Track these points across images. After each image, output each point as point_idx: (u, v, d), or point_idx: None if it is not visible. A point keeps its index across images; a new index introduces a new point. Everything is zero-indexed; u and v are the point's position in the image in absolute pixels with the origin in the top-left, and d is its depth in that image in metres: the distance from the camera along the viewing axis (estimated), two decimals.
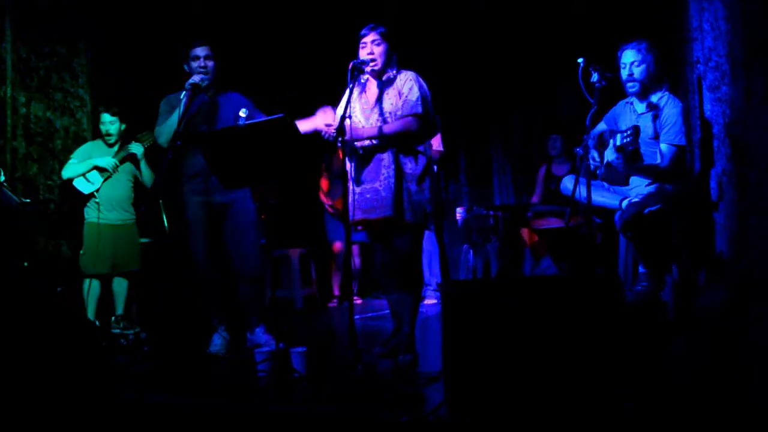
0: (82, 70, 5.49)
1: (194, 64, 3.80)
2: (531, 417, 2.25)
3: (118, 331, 4.70)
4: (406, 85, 3.40)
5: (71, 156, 4.83)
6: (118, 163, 4.73)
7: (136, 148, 4.73)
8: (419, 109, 3.36)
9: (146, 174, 4.84)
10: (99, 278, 4.74)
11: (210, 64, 3.82)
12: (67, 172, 4.76)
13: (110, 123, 4.78)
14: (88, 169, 4.70)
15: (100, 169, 4.71)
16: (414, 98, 3.37)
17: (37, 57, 5.18)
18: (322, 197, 6.03)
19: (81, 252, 4.72)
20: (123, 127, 4.83)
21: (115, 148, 4.78)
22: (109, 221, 4.73)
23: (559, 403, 2.24)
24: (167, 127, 3.74)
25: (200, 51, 3.82)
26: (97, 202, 4.69)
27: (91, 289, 4.69)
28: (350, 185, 3.40)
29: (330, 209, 5.94)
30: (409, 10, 5.80)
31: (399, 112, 3.38)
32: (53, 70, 5.29)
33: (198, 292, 3.91)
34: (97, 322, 4.68)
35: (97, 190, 4.70)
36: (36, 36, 5.16)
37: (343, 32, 3.71)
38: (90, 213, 4.73)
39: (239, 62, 4.09)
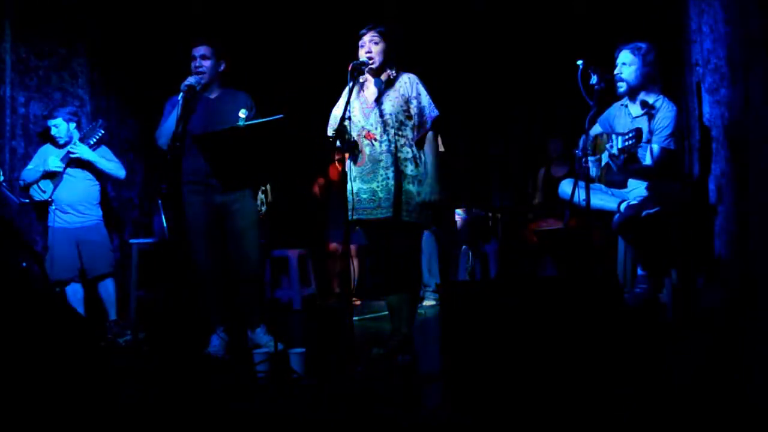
0: (82, 70, 5.48)
1: (192, 65, 3.80)
2: (531, 417, 2.25)
3: (110, 336, 4.65)
4: (414, 89, 3.43)
5: (30, 162, 4.73)
6: (62, 165, 4.55)
7: (80, 150, 4.55)
8: (437, 111, 3.46)
9: (108, 166, 4.66)
10: (74, 282, 4.64)
11: (206, 64, 3.80)
12: (22, 180, 4.66)
13: (54, 127, 4.64)
14: (38, 177, 4.58)
15: (51, 176, 4.58)
16: (427, 102, 3.45)
17: (37, 57, 5.17)
18: (316, 190, 6.09)
19: (46, 258, 4.59)
20: (72, 126, 4.69)
21: (67, 148, 4.61)
22: (67, 224, 4.60)
23: (558, 403, 2.24)
24: (166, 129, 3.74)
25: (196, 51, 3.81)
26: (52, 207, 4.56)
27: (74, 293, 4.64)
28: (349, 185, 3.41)
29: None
30: (409, 10, 5.80)
31: (399, 115, 3.39)
32: (52, 69, 5.28)
33: (198, 293, 3.91)
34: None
35: (50, 198, 4.58)
36: (35, 36, 5.15)
37: (343, 32, 3.72)
38: (49, 217, 4.61)
39: (239, 62, 4.07)
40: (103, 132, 4.64)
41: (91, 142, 4.61)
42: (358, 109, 3.48)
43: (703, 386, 2.13)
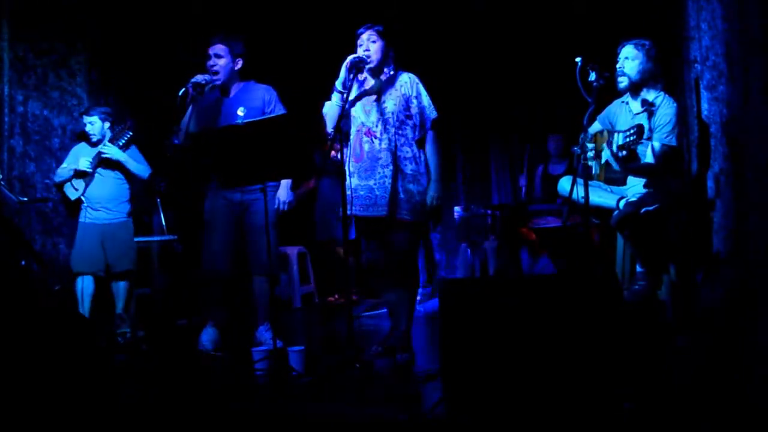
0: (80, 69, 5.47)
1: (207, 63, 3.79)
2: (530, 416, 2.25)
3: (114, 328, 4.67)
4: (415, 89, 3.46)
5: (64, 160, 4.79)
6: (92, 163, 4.60)
7: (110, 151, 4.60)
8: (436, 113, 3.49)
9: (135, 167, 4.70)
10: (93, 277, 4.65)
11: (220, 62, 3.78)
12: (56, 177, 4.75)
13: (90, 124, 4.69)
14: (70, 176, 4.64)
15: (82, 174, 4.63)
16: (427, 103, 3.48)
17: (35, 55, 5.16)
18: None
19: (72, 252, 4.67)
20: (107, 125, 4.73)
21: (98, 148, 4.66)
22: (96, 221, 4.65)
23: (558, 402, 2.24)
24: (182, 127, 3.76)
25: (211, 49, 3.79)
26: (84, 204, 4.63)
27: (85, 287, 4.66)
28: (348, 180, 3.40)
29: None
30: (409, 10, 5.79)
31: (400, 114, 3.40)
32: (51, 68, 5.27)
33: (198, 288, 3.90)
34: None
35: (82, 195, 4.63)
36: (34, 34, 5.13)
37: (343, 32, 3.71)
38: (81, 213, 4.69)
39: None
40: (131, 133, 4.69)
41: (121, 143, 4.66)
42: (359, 106, 3.48)
43: (703, 386, 2.13)
